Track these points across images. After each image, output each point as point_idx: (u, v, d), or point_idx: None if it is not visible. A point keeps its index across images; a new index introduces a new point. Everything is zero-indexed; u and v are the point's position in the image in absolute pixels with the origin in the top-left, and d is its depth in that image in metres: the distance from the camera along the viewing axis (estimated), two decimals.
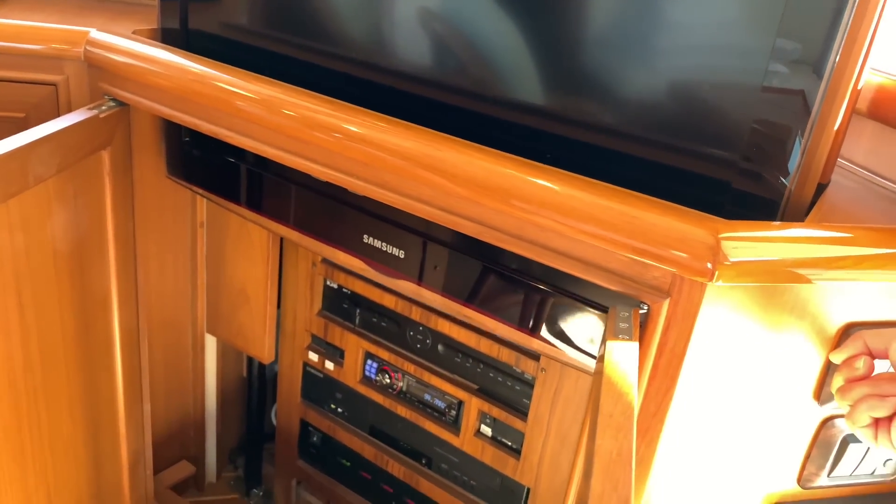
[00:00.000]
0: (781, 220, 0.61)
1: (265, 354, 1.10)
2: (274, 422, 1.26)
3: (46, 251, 0.77)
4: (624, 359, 0.50)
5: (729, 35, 0.59)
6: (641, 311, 0.59)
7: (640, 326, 0.59)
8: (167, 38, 0.93)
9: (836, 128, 0.62)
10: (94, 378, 0.91)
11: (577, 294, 0.68)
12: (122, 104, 0.86)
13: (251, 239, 1.03)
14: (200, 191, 0.97)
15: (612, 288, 0.61)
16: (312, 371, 1.14)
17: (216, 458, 1.30)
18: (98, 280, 0.88)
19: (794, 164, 0.59)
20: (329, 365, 1.11)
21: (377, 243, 0.81)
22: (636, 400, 0.46)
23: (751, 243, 0.56)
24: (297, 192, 0.86)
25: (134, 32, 0.92)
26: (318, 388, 1.15)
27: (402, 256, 0.79)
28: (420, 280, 0.79)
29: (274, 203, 0.89)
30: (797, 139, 0.58)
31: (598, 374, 0.54)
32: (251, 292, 1.07)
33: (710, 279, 0.55)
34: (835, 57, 0.55)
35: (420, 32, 0.75)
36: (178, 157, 0.98)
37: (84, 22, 0.96)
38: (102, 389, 0.94)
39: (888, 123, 0.74)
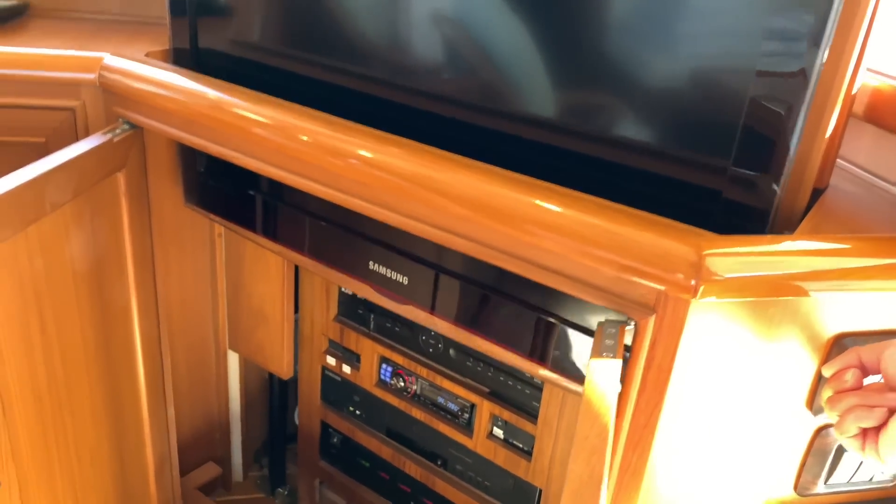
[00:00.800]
0: (773, 228, 0.61)
1: (284, 371, 1.13)
2: (296, 423, 1.29)
3: (66, 271, 0.81)
4: (603, 379, 0.51)
5: (717, 38, 0.60)
6: (628, 328, 0.60)
7: (632, 340, 0.61)
8: (179, 58, 0.96)
9: (829, 133, 0.62)
10: (116, 386, 0.95)
11: (578, 323, 0.70)
12: (135, 127, 0.89)
13: (267, 261, 1.06)
14: (217, 218, 1.01)
15: (600, 304, 0.62)
16: (331, 374, 1.17)
17: (242, 459, 1.34)
18: (118, 293, 0.92)
19: (785, 170, 0.59)
20: (346, 369, 1.13)
21: (384, 270, 0.84)
22: (612, 421, 0.47)
23: (736, 259, 0.57)
24: (309, 222, 0.89)
25: (147, 55, 0.95)
26: (336, 390, 1.18)
27: (407, 283, 0.82)
28: (427, 307, 0.82)
29: (287, 231, 0.93)
30: (788, 145, 0.58)
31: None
32: (269, 312, 1.10)
33: (694, 296, 0.56)
34: (821, 59, 0.55)
35: (424, 42, 0.76)
36: (194, 186, 1.02)
37: (100, 45, 0.99)
38: (126, 396, 0.98)
39: (885, 128, 0.73)
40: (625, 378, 0.60)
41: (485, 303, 0.78)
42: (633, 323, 0.60)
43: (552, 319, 0.73)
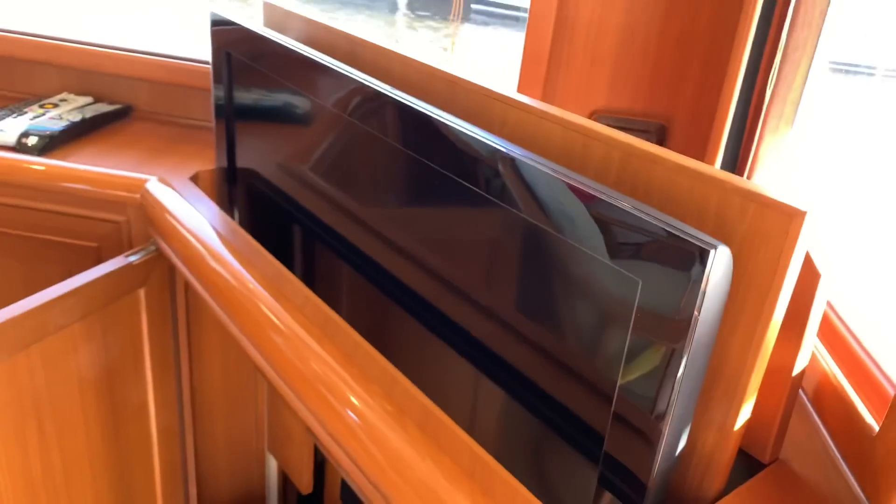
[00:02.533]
0: None
1: (304, 486, 1.19)
2: None
3: (70, 381, 0.92)
4: None
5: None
6: None
7: None
8: (221, 176, 1.05)
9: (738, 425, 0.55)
10: (126, 474, 1.05)
11: None
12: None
13: None
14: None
15: None
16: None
17: None
18: (132, 392, 1.02)
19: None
20: None
21: None
22: None
23: None
24: None
25: (195, 175, 1.05)
26: None
27: None
28: None
29: None
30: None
31: None
32: (293, 430, 1.15)
33: None
34: None
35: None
36: None
37: (163, 159, 1.10)
38: (137, 482, 1.08)
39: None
40: None
41: None
42: None
43: None
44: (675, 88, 1.08)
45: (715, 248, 0.46)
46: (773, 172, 0.95)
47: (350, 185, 0.82)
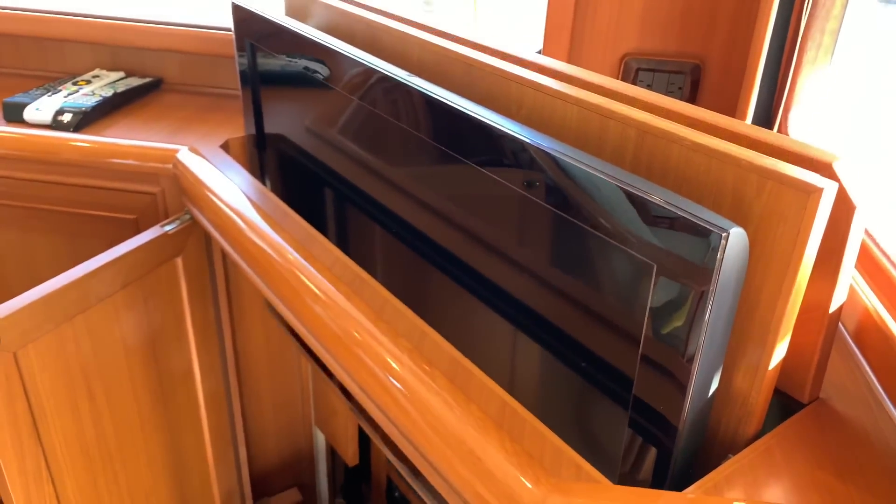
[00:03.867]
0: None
1: (349, 458, 1.21)
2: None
3: (116, 349, 0.94)
4: None
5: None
6: None
7: None
8: (251, 143, 1.05)
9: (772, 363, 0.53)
10: (176, 437, 1.08)
11: None
12: None
13: None
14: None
15: None
16: None
17: (328, 487, 1.45)
18: (177, 358, 1.04)
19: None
20: None
21: None
22: None
23: None
24: None
25: (225, 143, 1.05)
26: None
27: None
28: None
29: None
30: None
31: None
32: (337, 405, 1.17)
33: None
34: None
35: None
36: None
37: (194, 128, 1.11)
38: (187, 444, 1.11)
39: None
40: None
41: None
42: None
43: None
44: (708, 25, 1.04)
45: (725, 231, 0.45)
46: (811, 108, 0.91)
47: (375, 147, 0.81)
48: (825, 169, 0.51)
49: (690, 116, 0.60)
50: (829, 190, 0.48)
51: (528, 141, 0.59)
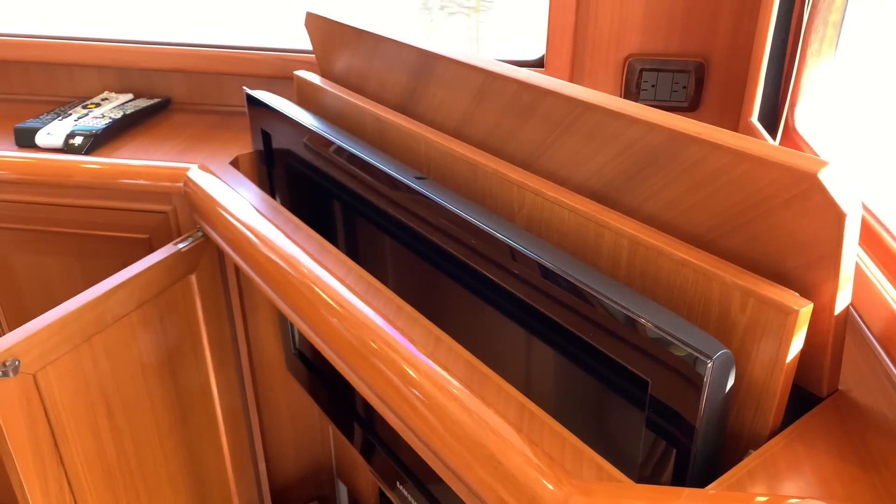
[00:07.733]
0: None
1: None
2: None
3: (133, 367, 0.95)
4: None
5: None
6: None
7: None
8: (259, 159, 1.06)
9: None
10: (196, 453, 1.09)
11: None
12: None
13: None
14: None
15: None
16: None
17: (348, 499, 1.45)
18: (194, 374, 1.05)
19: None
20: None
21: None
22: None
23: None
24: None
25: (235, 159, 1.06)
26: None
27: None
28: None
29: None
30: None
31: None
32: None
33: None
34: None
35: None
36: (290, 360, 1.11)
37: (203, 146, 1.12)
38: (207, 460, 1.12)
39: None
40: None
41: None
42: None
43: None
44: (710, 23, 1.04)
45: None
46: (817, 101, 0.91)
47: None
48: (810, 179, 0.51)
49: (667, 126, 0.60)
50: (805, 311, 0.51)
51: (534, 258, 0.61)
